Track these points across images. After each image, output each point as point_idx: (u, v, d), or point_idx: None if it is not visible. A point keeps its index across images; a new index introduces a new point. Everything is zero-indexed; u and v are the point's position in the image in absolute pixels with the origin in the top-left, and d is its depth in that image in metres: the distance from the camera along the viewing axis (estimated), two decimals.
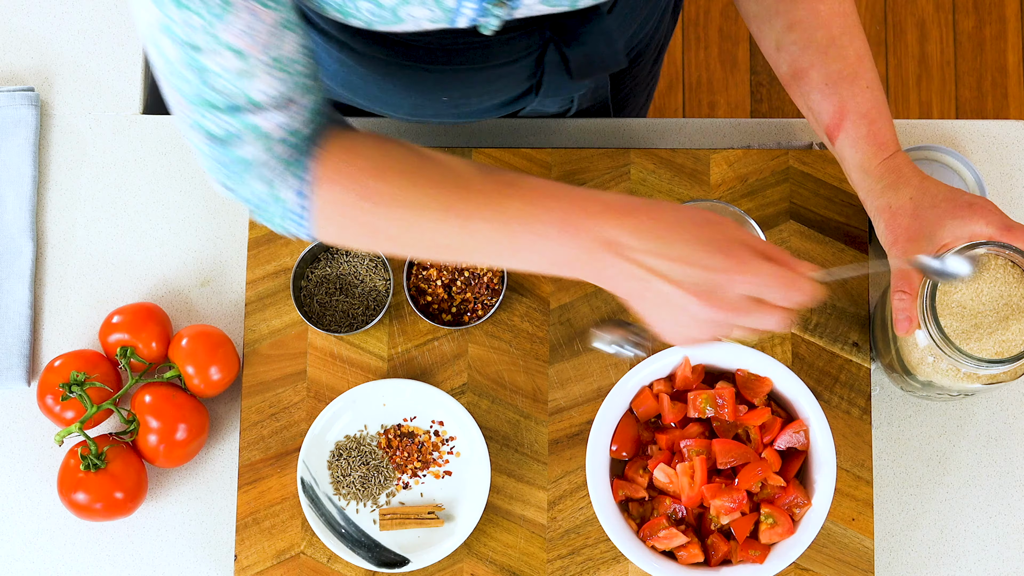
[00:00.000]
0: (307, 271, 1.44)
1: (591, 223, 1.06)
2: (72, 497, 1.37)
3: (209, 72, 1.04)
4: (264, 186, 1.12)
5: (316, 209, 1.13)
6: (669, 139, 1.51)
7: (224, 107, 1.06)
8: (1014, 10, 2.58)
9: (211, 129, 1.08)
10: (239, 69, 1.04)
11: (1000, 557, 1.41)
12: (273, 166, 1.11)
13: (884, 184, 1.25)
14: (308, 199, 1.12)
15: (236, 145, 1.09)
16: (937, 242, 1.21)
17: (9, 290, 1.47)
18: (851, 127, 1.25)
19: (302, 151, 1.12)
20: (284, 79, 1.07)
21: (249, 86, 1.05)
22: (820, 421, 1.33)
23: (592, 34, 1.28)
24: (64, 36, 1.54)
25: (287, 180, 1.12)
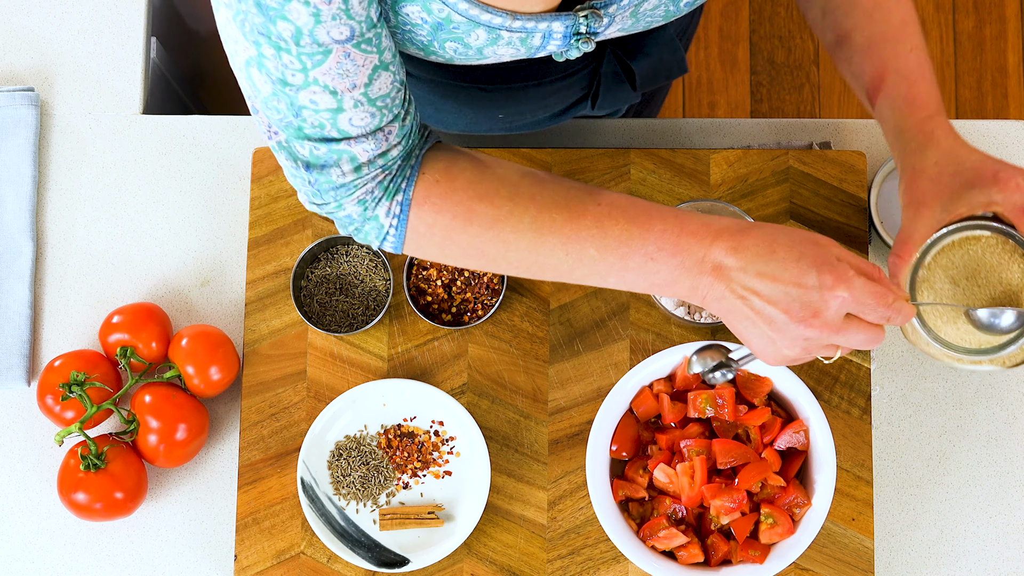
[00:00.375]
0: (307, 271, 1.44)
1: (696, 246, 1.09)
2: (72, 497, 1.37)
3: (302, 107, 1.04)
4: (358, 208, 1.13)
5: (410, 228, 1.14)
6: (669, 139, 1.51)
7: (316, 137, 1.07)
8: (1014, 10, 2.58)
9: (301, 155, 1.08)
10: (331, 106, 1.04)
11: (1000, 557, 1.41)
12: (367, 188, 1.12)
13: (915, 145, 1.20)
14: (401, 219, 1.13)
15: (327, 171, 1.09)
16: (951, 211, 1.18)
17: (9, 290, 1.47)
18: (891, 87, 1.22)
19: (396, 174, 1.13)
20: (375, 113, 1.07)
21: (341, 119, 1.05)
22: (820, 421, 1.33)
23: (656, 44, 1.27)
24: (64, 36, 1.54)
25: (381, 202, 1.13)
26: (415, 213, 1.13)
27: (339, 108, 1.04)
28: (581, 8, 1.07)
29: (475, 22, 1.04)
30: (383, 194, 1.12)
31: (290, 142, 1.08)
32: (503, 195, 1.12)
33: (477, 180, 1.13)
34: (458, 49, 1.08)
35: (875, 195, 1.45)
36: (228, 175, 1.50)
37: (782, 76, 2.57)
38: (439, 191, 1.12)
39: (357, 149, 1.08)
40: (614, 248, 1.11)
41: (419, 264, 1.43)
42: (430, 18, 1.04)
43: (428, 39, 1.07)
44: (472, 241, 1.13)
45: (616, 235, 1.10)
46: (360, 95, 1.04)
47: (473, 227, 1.13)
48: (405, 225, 1.14)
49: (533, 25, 1.06)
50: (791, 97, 2.57)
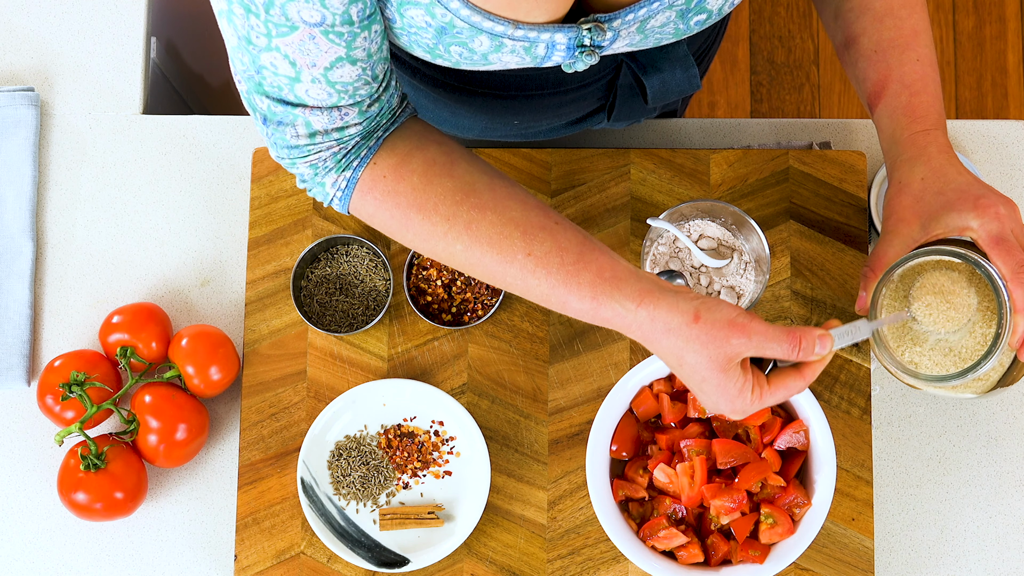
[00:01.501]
0: (307, 271, 1.44)
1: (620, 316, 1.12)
2: (72, 497, 1.37)
3: (262, 67, 1.06)
4: (309, 170, 1.15)
5: (352, 207, 1.17)
6: (669, 139, 1.51)
7: (273, 96, 1.08)
8: (1014, 10, 2.58)
9: (260, 108, 1.10)
10: (289, 75, 1.06)
11: (1000, 557, 1.41)
12: (319, 155, 1.13)
13: (905, 157, 1.20)
14: (346, 193, 1.16)
15: (283, 128, 1.11)
16: (929, 231, 1.18)
17: (9, 290, 1.47)
18: (891, 96, 1.21)
19: (351, 150, 1.14)
20: (332, 93, 1.08)
21: (298, 87, 1.07)
22: (820, 421, 1.33)
23: (669, 61, 1.27)
24: (64, 36, 1.54)
25: (330, 172, 1.15)
26: (358, 198, 1.16)
27: (296, 78, 1.06)
28: (585, 21, 1.07)
29: (477, 29, 1.04)
30: (334, 166, 1.14)
31: (251, 94, 1.10)
32: (441, 213, 1.14)
33: (421, 188, 1.14)
34: (463, 54, 1.08)
35: (875, 195, 1.45)
36: (228, 175, 1.50)
37: (782, 76, 2.57)
38: (383, 188, 1.15)
39: (312, 117, 1.10)
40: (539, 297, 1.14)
41: (419, 264, 1.43)
42: (433, 22, 1.04)
43: (433, 43, 1.07)
44: (410, 240, 1.17)
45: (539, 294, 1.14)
46: (319, 74, 1.06)
47: (409, 233, 1.15)
48: (348, 200, 1.16)
49: (535, 35, 1.06)
50: (791, 97, 2.57)
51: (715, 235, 1.40)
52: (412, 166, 1.15)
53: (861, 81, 1.24)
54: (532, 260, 1.13)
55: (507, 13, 1.04)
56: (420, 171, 1.14)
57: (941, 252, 1.18)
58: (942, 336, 1.20)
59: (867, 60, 1.23)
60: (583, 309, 1.13)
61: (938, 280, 1.20)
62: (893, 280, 1.21)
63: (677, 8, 1.08)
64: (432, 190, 1.14)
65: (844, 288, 1.44)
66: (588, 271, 1.12)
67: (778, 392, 1.14)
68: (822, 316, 1.43)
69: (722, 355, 1.10)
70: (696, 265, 1.40)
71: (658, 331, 1.11)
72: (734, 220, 1.38)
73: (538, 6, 1.04)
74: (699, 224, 1.40)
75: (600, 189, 1.46)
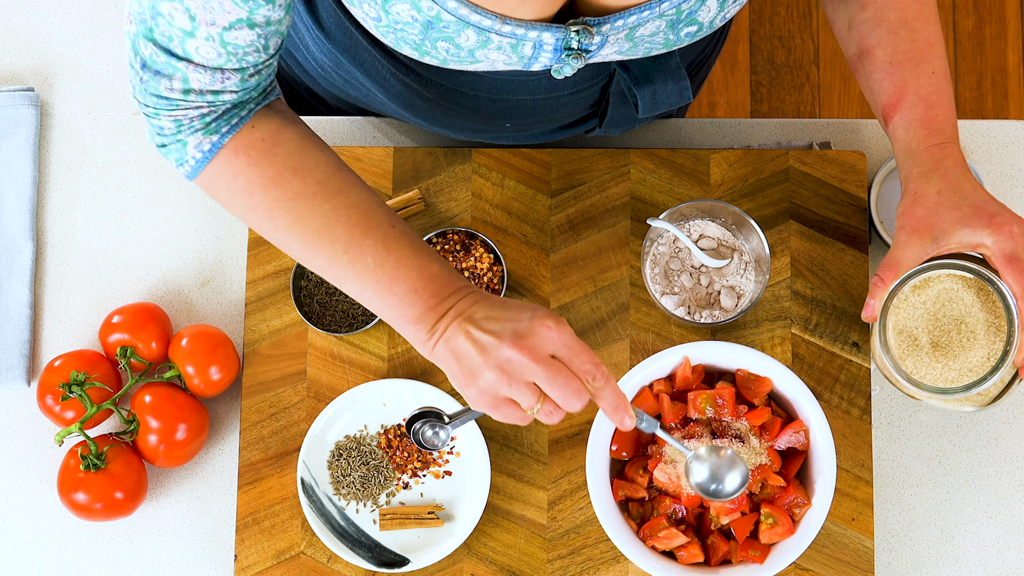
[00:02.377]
0: (307, 271, 1.44)
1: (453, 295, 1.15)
2: (72, 497, 1.37)
3: (159, 14, 1.08)
4: (172, 125, 1.17)
5: (214, 168, 1.18)
6: (669, 139, 1.51)
7: (161, 45, 1.10)
8: (1014, 10, 2.58)
9: (143, 53, 1.12)
10: (185, 28, 1.08)
11: (1000, 557, 1.41)
12: (187, 113, 1.15)
13: (921, 169, 1.21)
14: (206, 157, 1.18)
15: (159, 78, 1.13)
16: (941, 244, 1.19)
17: (9, 290, 1.47)
18: (907, 109, 1.22)
19: (221, 115, 1.17)
20: (222, 54, 1.11)
21: (189, 42, 1.09)
22: (820, 421, 1.33)
23: (661, 72, 1.27)
24: (64, 36, 1.54)
25: (196, 133, 1.17)
26: (227, 157, 1.17)
27: (191, 33, 1.08)
28: (574, 23, 1.07)
29: (464, 22, 1.05)
30: (201, 127, 1.17)
31: (138, 37, 1.12)
32: (315, 177, 1.18)
33: (298, 153, 1.18)
34: (449, 50, 1.08)
35: (875, 195, 1.45)
36: None
37: (782, 76, 2.57)
38: (260, 148, 1.17)
39: (192, 74, 1.12)
40: (390, 268, 1.16)
41: None
42: (420, 16, 1.05)
43: (419, 39, 1.08)
44: (268, 204, 1.18)
45: (398, 257, 1.16)
46: (215, 32, 1.08)
47: (276, 191, 1.17)
48: (206, 163, 1.18)
49: (523, 32, 1.06)
50: (791, 97, 2.57)
51: (715, 235, 1.40)
52: (289, 134, 1.19)
53: (876, 93, 1.25)
54: (396, 230, 1.17)
55: (494, 7, 1.04)
56: (297, 139, 1.19)
57: (955, 267, 1.19)
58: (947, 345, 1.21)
59: (883, 72, 1.24)
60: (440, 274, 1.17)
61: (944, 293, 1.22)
62: (903, 292, 1.22)
63: (667, 18, 1.08)
64: (308, 156, 1.19)
65: (844, 288, 1.44)
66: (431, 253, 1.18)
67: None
68: (822, 316, 1.43)
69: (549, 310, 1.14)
70: (696, 265, 1.40)
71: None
72: (734, 220, 1.38)
73: (524, 2, 1.04)
74: (699, 224, 1.40)
75: (600, 189, 1.46)
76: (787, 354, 1.43)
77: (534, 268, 1.45)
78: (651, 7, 1.06)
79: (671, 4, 1.06)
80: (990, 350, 1.21)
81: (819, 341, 1.43)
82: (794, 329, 1.43)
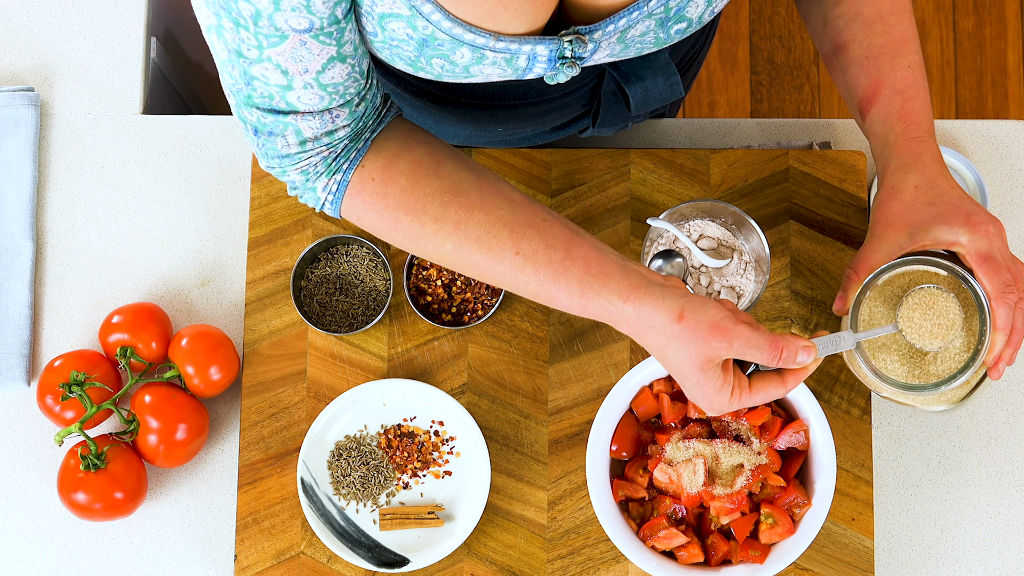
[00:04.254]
0: (307, 271, 1.44)
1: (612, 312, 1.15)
2: (72, 497, 1.37)
3: (253, 78, 1.06)
4: (300, 176, 1.16)
5: (344, 211, 1.18)
6: (669, 139, 1.51)
7: (264, 107, 1.09)
8: (1014, 10, 2.58)
9: (250, 121, 1.11)
10: (281, 83, 1.06)
11: (1000, 557, 1.41)
12: (310, 161, 1.14)
13: (899, 163, 1.21)
14: (337, 196, 1.17)
15: (273, 139, 1.12)
16: (916, 240, 1.19)
17: (9, 290, 1.47)
18: (884, 102, 1.22)
19: (341, 153, 1.15)
20: (324, 96, 1.09)
21: (290, 95, 1.08)
22: (820, 421, 1.33)
23: (651, 69, 1.28)
24: (64, 36, 1.54)
25: (321, 177, 1.16)
26: (348, 202, 1.17)
27: (288, 86, 1.07)
28: (566, 33, 1.08)
29: (459, 41, 1.05)
30: (325, 170, 1.16)
31: (239, 107, 1.11)
32: (430, 214, 1.15)
33: (409, 189, 1.16)
34: (444, 66, 1.09)
35: (875, 195, 1.45)
36: (228, 175, 1.50)
37: (782, 76, 2.57)
38: (371, 190, 1.16)
39: (303, 124, 1.10)
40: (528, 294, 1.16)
41: (419, 264, 1.43)
42: (415, 35, 1.05)
43: (415, 55, 1.08)
44: (399, 241, 1.18)
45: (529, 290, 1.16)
46: (311, 79, 1.06)
47: (398, 234, 1.17)
48: (340, 202, 1.18)
49: (516, 47, 1.07)
50: (791, 97, 2.57)
51: (715, 235, 1.40)
52: (399, 167, 1.16)
53: (852, 87, 1.25)
54: (521, 258, 1.15)
55: (487, 24, 1.04)
56: (407, 172, 1.16)
57: (929, 263, 1.19)
58: (922, 349, 1.21)
59: (858, 66, 1.24)
60: (572, 305, 1.15)
61: (927, 296, 1.20)
62: (876, 285, 1.21)
63: (656, 17, 1.08)
64: (420, 191, 1.15)
65: None
66: (575, 267, 1.14)
67: (757, 396, 1.15)
68: (822, 316, 1.43)
69: (702, 355, 1.12)
70: (696, 265, 1.40)
71: (644, 327, 1.13)
72: (734, 220, 1.38)
73: (517, 17, 1.04)
74: (699, 224, 1.40)
75: (600, 189, 1.46)
76: None
77: None
78: (639, 7, 1.06)
79: (659, 2, 1.07)
80: (960, 350, 1.21)
81: None
82: (794, 329, 1.43)
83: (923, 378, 1.21)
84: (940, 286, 1.21)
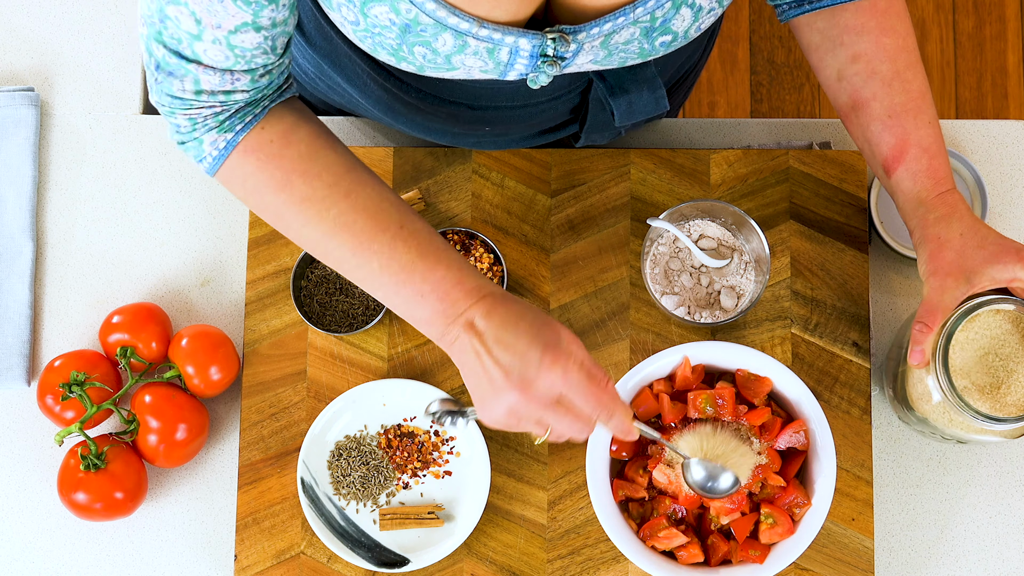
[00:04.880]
0: (307, 271, 1.44)
1: (462, 301, 1.15)
2: (72, 497, 1.37)
3: (167, 17, 1.09)
4: (187, 123, 1.18)
5: (227, 167, 1.20)
6: (669, 139, 1.51)
7: (171, 48, 1.11)
8: (1014, 10, 2.58)
9: (155, 55, 1.13)
10: (191, 31, 1.09)
11: (1000, 557, 1.41)
12: (200, 111, 1.17)
13: (937, 215, 1.25)
14: (222, 154, 1.19)
15: (171, 79, 1.14)
16: (975, 284, 1.22)
17: (9, 290, 1.47)
18: (912, 160, 1.26)
19: (234, 114, 1.18)
20: (229, 56, 1.11)
21: (197, 45, 1.10)
22: (820, 421, 1.33)
23: (636, 82, 1.29)
24: (64, 36, 1.54)
25: (210, 131, 1.18)
26: (238, 158, 1.19)
27: (198, 36, 1.09)
28: (550, 30, 1.09)
29: (442, 25, 1.06)
30: (216, 126, 1.18)
31: (149, 39, 1.13)
32: (324, 180, 1.18)
33: (308, 156, 1.19)
34: (426, 55, 1.10)
35: (875, 195, 1.45)
36: None
37: (782, 76, 2.57)
38: (269, 151, 1.18)
39: (203, 76, 1.13)
40: (395, 272, 1.17)
41: None
42: (398, 19, 1.05)
43: (397, 43, 1.09)
44: (277, 206, 1.19)
45: (402, 261, 1.17)
46: (222, 36, 1.09)
47: (284, 195, 1.19)
48: (222, 161, 1.19)
49: (500, 37, 1.07)
50: (791, 97, 2.57)
51: (715, 235, 1.40)
52: (300, 135, 1.19)
53: (875, 145, 1.27)
54: (404, 231, 1.17)
55: (470, 8, 1.05)
56: (307, 141, 1.19)
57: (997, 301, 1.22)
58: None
59: (882, 125, 1.26)
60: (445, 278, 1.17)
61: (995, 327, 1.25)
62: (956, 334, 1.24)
63: (642, 25, 1.09)
64: (318, 158, 1.19)
65: (844, 288, 1.44)
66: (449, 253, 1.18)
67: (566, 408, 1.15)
68: (822, 316, 1.43)
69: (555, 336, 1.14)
70: (696, 265, 1.40)
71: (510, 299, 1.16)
72: (734, 220, 1.38)
73: (500, 5, 1.05)
74: (699, 224, 1.40)
75: (600, 189, 1.46)
76: (787, 354, 1.43)
77: (534, 268, 1.45)
78: (625, 13, 1.07)
79: (645, 10, 1.07)
80: None
81: (819, 341, 1.43)
82: (794, 329, 1.43)
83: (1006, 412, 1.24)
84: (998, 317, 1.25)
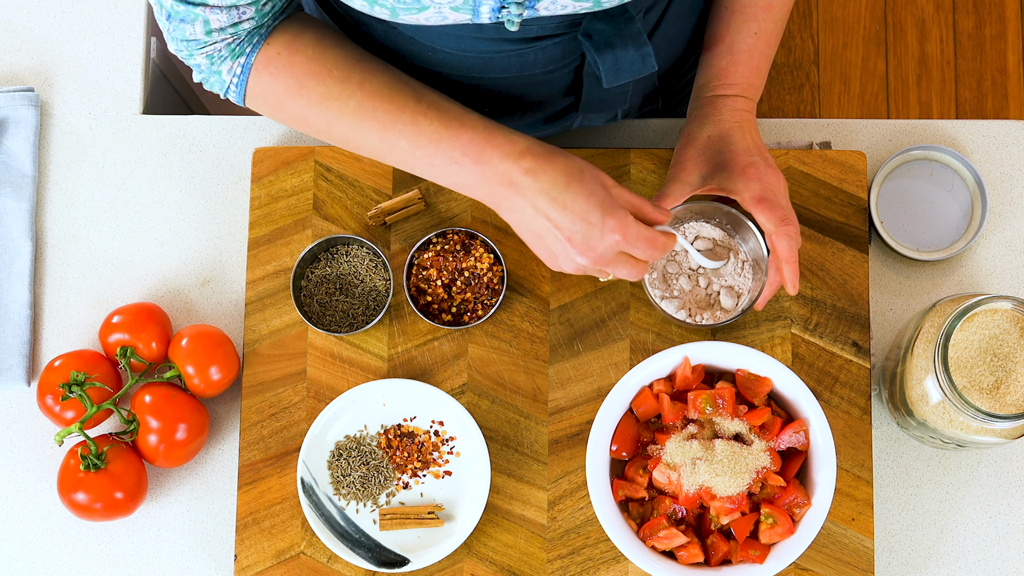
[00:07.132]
0: (307, 271, 1.44)
1: (499, 161, 1.19)
2: (72, 497, 1.37)
3: None
4: (205, 60, 1.24)
5: (248, 90, 1.26)
6: (669, 139, 1.51)
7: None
8: (1014, 10, 2.58)
9: (167, 7, 1.18)
10: None
11: (1000, 557, 1.41)
12: (215, 47, 1.22)
13: (700, 113, 1.31)
14: (241, 79, 1.25)
15: (183, 25, 1.19)
16: (706, 183, 1.29)
17: (9, 290, 1.47)
18: (714, 55, 1.32)
19: (243, 39, 1.23)
20: None
21: None
22: (820, 421, 1.33)
23: (621, 37, 1.30)
24: (64, 36, 1.54)
25: (225, 61, 1.24)
26: (254, 78, 1.24)
27: None
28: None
29: None
30: (229, 55, 1.23)
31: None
32: (335, 76, 1.23)
33: (315, 58, 1.23)
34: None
35: (875, 195, 1.45)
36: (228, 175, 1.50)
37: (782, 76, 2.57)
38: (278, 63, 1.23)
39: (211, 16, 1.18)
40: (424, 145, 1.21)
41: (419, 264, 1.43)
42: None
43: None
44: (301, 111, 1.25)
45: (428, 134, 1.21)
46: None
47: (303, 99, 1.24)
48: (245, 85, 1.25)
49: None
50: (791, 97, 2.57)
51: (711, 236, 1.40)
52: (305, 40, 1.24)
53: (706, 28, 1.35)
54: (423, 104, 1.22)
55: None
56: (312, 43, 1.24)
57: (994, 300, 1.24)
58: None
59: (716, 15, 1.34)
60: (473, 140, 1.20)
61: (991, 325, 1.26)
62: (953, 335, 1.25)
63: None
64: (326, 57, 1.24)
65: (844, 288, 1.44)
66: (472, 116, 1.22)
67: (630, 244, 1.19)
68: (822, 316, 1.43)
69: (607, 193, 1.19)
70: (694, 267, 1.40)
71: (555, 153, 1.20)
72: (729, 221, 1.38)
73: None
74: (694, 226, 1.40)
75: None
76: (787, 354, 1.43)
77: (534, 268, 1.45)
78: None
79: None
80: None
81: (819, 341, 1.43)
82: (794, 329, 1.43)
83: (1003, 409, 1.25)
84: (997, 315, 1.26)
